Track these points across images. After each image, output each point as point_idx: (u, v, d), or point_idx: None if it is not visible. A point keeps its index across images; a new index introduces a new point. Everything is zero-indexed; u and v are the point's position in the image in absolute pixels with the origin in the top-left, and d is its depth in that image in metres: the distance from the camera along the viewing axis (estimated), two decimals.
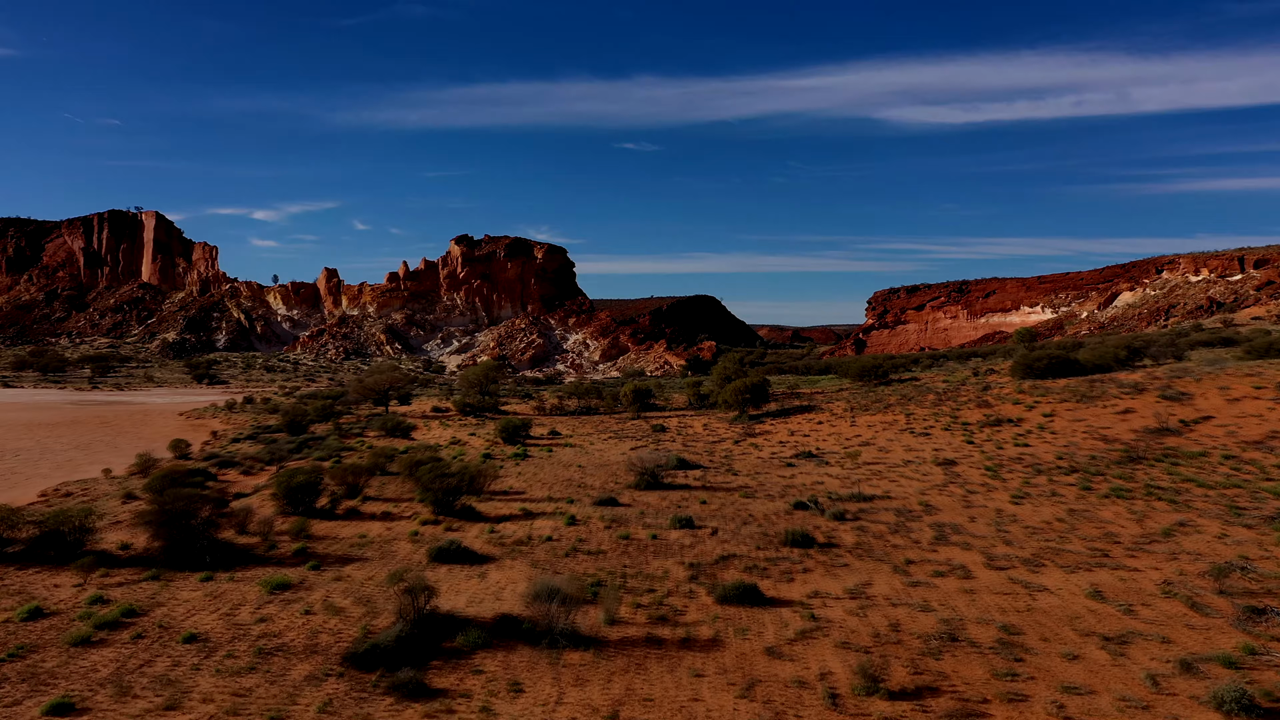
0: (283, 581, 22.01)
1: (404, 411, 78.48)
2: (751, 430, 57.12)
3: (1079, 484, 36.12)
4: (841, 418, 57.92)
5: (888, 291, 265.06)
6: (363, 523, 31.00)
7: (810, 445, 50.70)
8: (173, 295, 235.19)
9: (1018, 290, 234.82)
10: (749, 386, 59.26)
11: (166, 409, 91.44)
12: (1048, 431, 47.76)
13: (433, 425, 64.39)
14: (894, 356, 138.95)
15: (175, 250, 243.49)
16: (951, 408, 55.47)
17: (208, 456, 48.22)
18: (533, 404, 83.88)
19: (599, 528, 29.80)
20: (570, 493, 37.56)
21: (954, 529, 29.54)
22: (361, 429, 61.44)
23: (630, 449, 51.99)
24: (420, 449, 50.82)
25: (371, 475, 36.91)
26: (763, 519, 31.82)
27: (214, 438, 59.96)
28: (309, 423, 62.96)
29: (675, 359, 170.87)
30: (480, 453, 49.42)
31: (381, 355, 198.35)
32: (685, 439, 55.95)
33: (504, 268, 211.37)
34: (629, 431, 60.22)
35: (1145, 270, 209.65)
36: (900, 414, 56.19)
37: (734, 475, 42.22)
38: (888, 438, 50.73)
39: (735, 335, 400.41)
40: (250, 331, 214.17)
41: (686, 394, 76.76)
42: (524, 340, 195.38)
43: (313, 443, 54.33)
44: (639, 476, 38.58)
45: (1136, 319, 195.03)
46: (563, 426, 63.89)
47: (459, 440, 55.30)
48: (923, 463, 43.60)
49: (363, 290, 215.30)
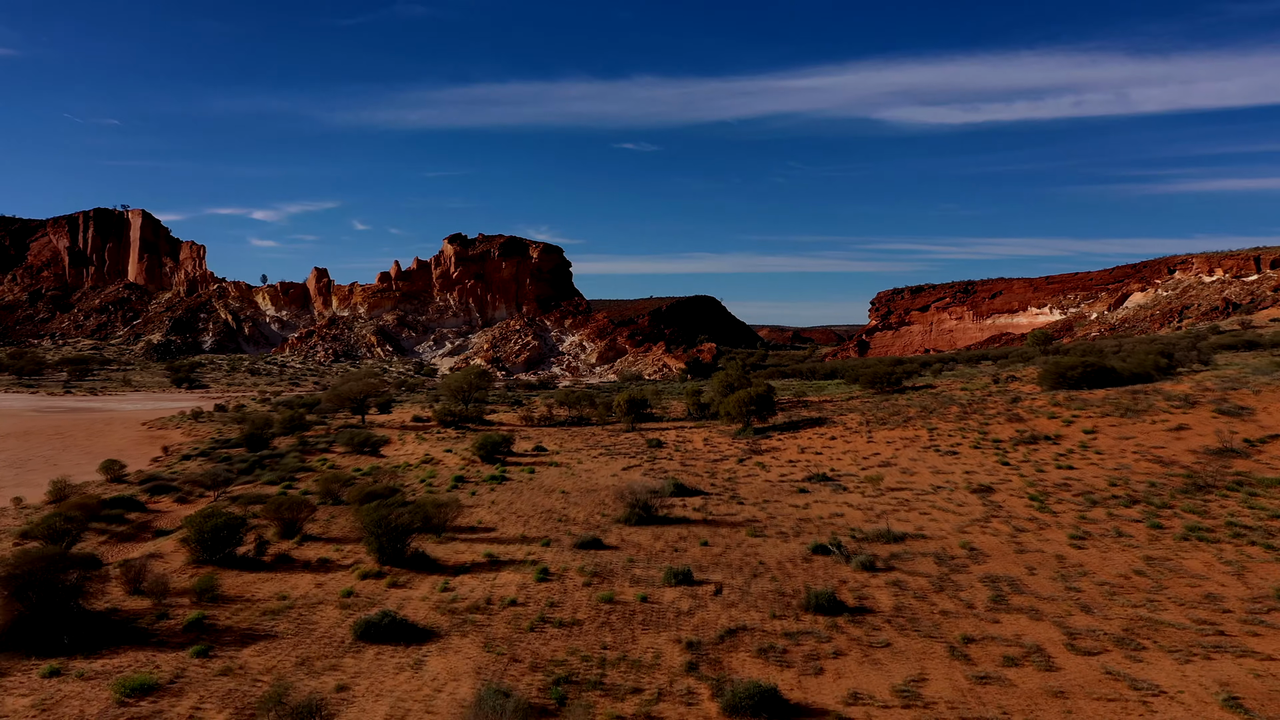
0: (145, 682, 16.54)
1: (383, 421, 73.06)
2: (757, 446, 51.67)
3: (1145, 520, 30.69)
4: (857, 432, 52.46)
5: (891, 292, 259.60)
6: (291, 575, 25.54)
7: (824, 465, 45.25)
8: (159, 296, 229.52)
9: (1025, 291, 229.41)
10: (754, 397, 53.85)
11: (132, 417, 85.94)
12: (1092, 451, 42.33)
13: (408, 439, 58.92)
14: (904, 360, 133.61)
15: (162, 250, 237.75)
16: (979, 422, 50.03)
17: (145, 479, 42.76)
18: (522, 412, 78.45)
19: (577, 583, 24.34)
20: (548, 529, 32.12)
21: (1012, 585, 24.13)
22: (329, 443, 55.98)
23: (622, 469, 46.56)
24: (385, 471, 45.35)
25: (314, 512, 31.42)
26: (776, 567, 26.39)
27: (165, 454, 54.49)
28: (272, 436, 57.49)
29: (674, 361, 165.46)
30: (453, 475, 43.94)
31: (372, 358, 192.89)
32: (684, 456, 50.52)
33: (498, 267, 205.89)
34: (622, 446, 54.79)
35: (1157, 270, 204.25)
36: (922, 428, 50.74)
37: (739, 504, 36.79)
38: (910, 457, 45.29)
39: (735, 336, 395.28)
40: (238, 333, 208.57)
41: (685, 402, 71.33)
42: (518, 342, 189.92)
43: (270, 461, 48.87)
44: (629, 509, 33.15)
45: (1149, 320, 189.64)
46: (550, 440, 58.46)
47: (432, 458, 49.80)
48: (955, 489, 38.18)
49: (353, 291, 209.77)
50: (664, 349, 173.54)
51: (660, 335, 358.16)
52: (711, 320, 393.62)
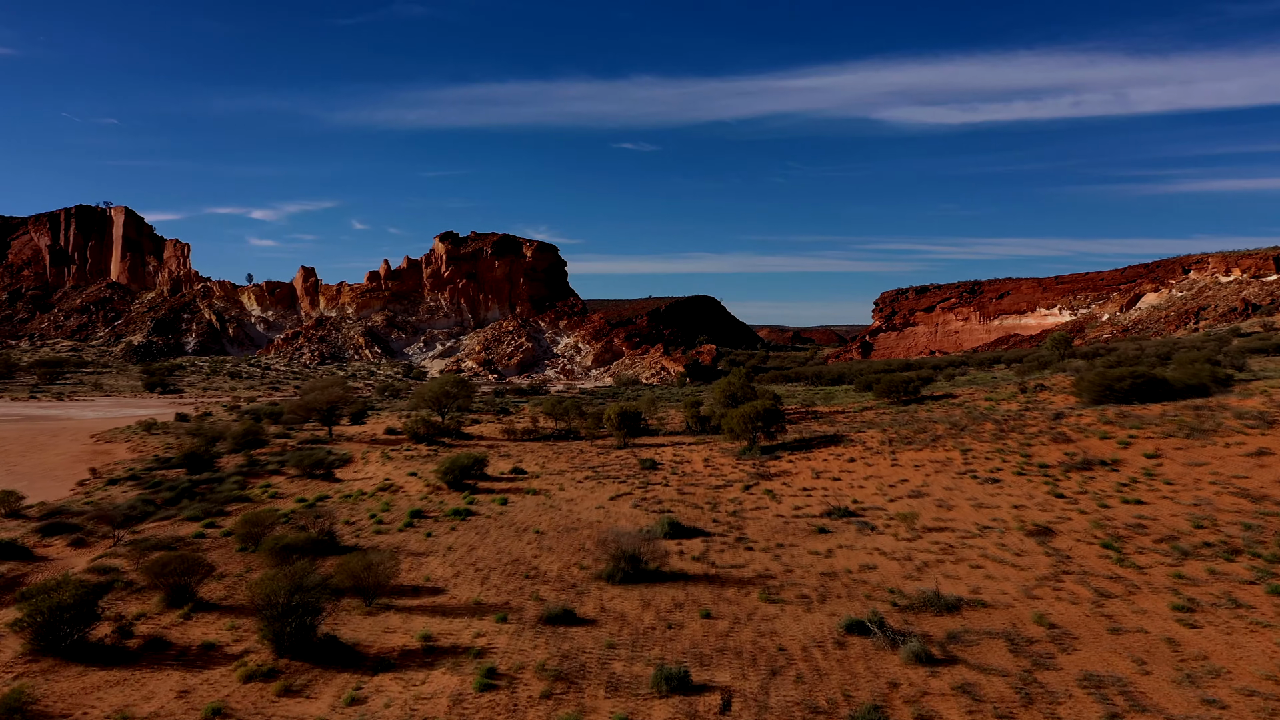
0: None
1: (353, 434, 66.74)
2: (765, 469, 45.28)
3: (1260, 580, 24.36)
4: (879, 453, 46.10)
5: (895, 292, 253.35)
6: (154, 673, 19.17)
7: (844, 495, 38.88)
8: (142, 295, 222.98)
9: (1033, 291, 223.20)
10: (760, 412, 47.52)
11: (86, 427, 79.49)
12: (1160, 481, 36.00)
13: (372, 457, 52.55)
14: (913, 364, 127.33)
15: (146, 248, 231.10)
16: (1020, 442, 43.68)
17: (49, 514, 36.34)
18: (505, 423, 72.08)
19: (532, 694, 17.96)
20: (511, 590, 25.78)
21: (1123, 690, 17.81)
22: (281, 463, 49.54)
23: (610, 498, 40.17)
24: (330, 505, 38.86)
25: (209, 574, 25.01)
26: (801, 657, 20.07)
27: (92, 476, 48.04)
28: (216, 456, 51.12)
29: (673, 364, 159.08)
30: (410, 508, 37.55)
31: (359, 360, 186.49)
32: (681, 480, 44.14)
33: (491, 266, 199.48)
34: (612, 467, 48.44)
35: (1170, 270, 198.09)
36: (954, 449, 44.38)
37: (748, 550, 30.44)
38: (944, 485, 38.95)
39: (735, 337, 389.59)
40: (222, 334, 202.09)
41: (684, 414, 64.93)
42: (511, 344, 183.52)
43: (205, 487, 42.49)
44: (613, 562, 26.80)
45: (1163, 322, 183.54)
46: (532, 458, 52.11)
47: (392, 485, 43.36)
48: (1006, 529, 31.84)
49: (341, 290, 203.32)
50: (662, 351, 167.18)
51: (659, 336, 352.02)
52: (711, 320, 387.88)
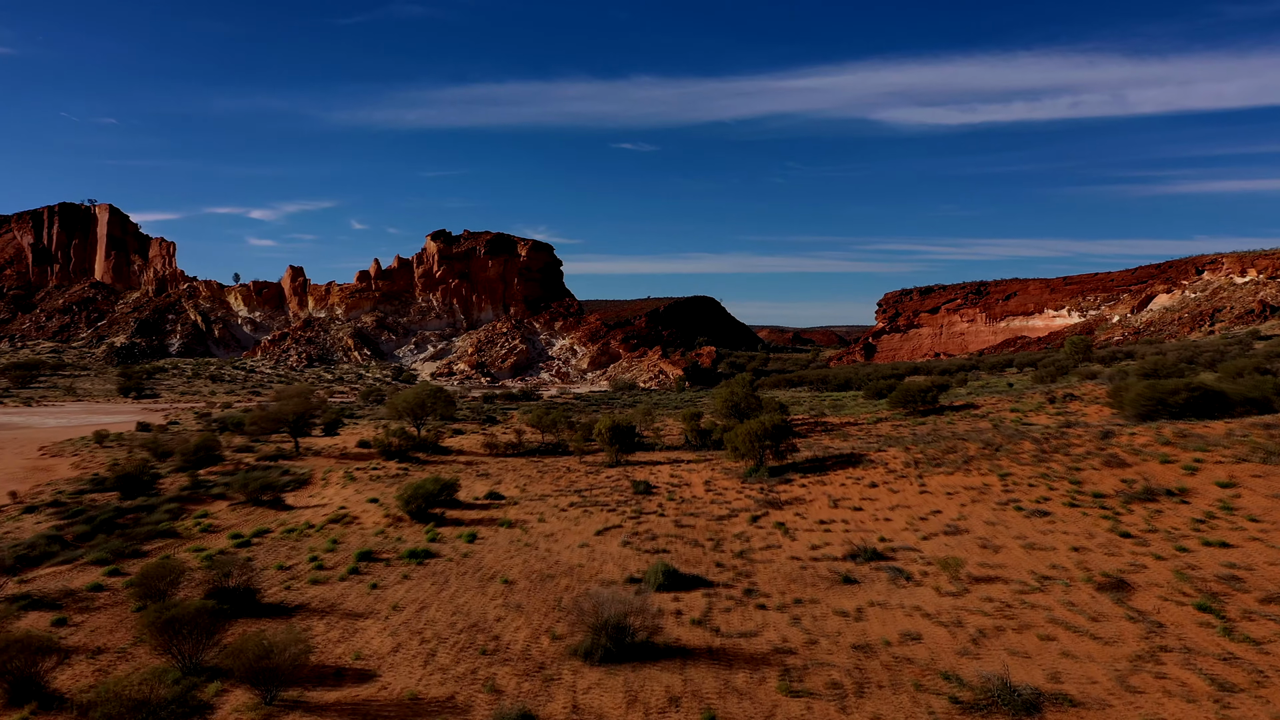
0: None
1: (322, 446, 61.30)
2: (775, 495, 39.78)
3: None
4: (904, 476, 40.62)
5: (899, 293, 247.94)
6: None
7: (869, 530, 33.38)
8: (127, 295, 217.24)
9: (1041, 292, 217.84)
10: (768, 430, 42.05)
11: (38, 437, 73.92)
12: (1243, 517, 30.50)
13: (334, 477, 47.03)
14: (926, 369, 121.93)
15: (130, 247, 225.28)
16: (1066, 465, 38.21)
17: None
18: (489, 433, 66.61)
19: None
20: (461, 675, 20.27)
21: None
22: (229, 485, 43.97)
23: (596, 532, 34.67)
24: (272, 539, 33.25)
25: (61, 661, 19.48)
26: None
27: (12, 500, 42.43)
28: (157, 477, 45.58)
29: (671, 368, 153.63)
30: (362, 546, 32.00)
31: (348, 362, 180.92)
32: (680, 508, 38.65)
33: (484, 266, 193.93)
34: (601, 490, 42.96)
35: (1183, 271, 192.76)
36: (990, 473, 38.91)
37: (760, 608, 24.97)
38: (985, 519, 33.47)
39: (735, 338, 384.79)
40: (207, 335, 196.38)
41: (683, 426, 59.40)
42: (505, 346, 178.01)
43: (134, 516, 36.96)
44: (592, 635, 21.30)
45: (1177, 324, 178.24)
46: (513, 479, 46.64)
47: (347, 515, 37.78)
48: (1071, 582, 26.35)
49: (330, 290, 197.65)
50: (660, 354, 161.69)
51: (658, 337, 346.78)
52: (710, 321, 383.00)
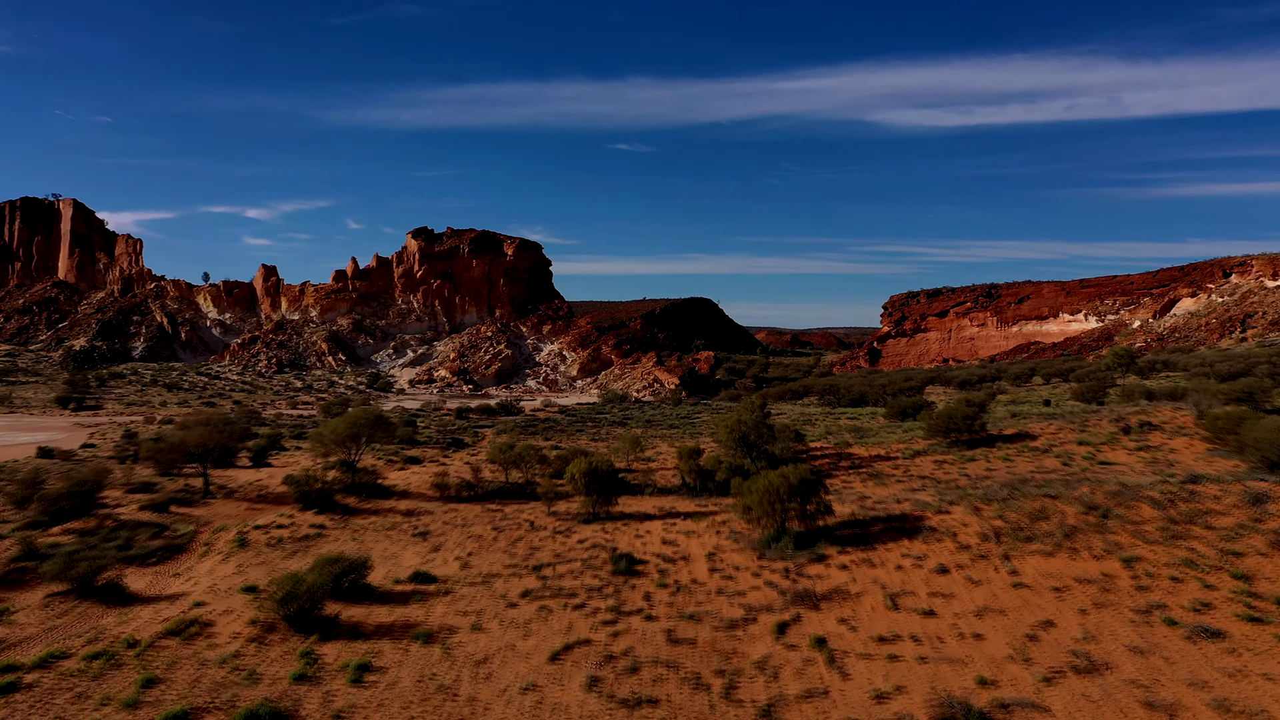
0: None
1: (244, 482, 50.33)
2: (806, 585, 28.69)
3: None
4: (982, 555, 29.55)
5: (905, 295, 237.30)
6: None
7: (957, 656, 22.20)
8: (91, 295, 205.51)
9: (1055, 295, 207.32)
10: (793, 486, 31.10)
11: None
12: None
13: (221, 541, 35.89)
14: (945, 379, 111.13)
15: (96, 244, 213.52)
16: (1214, 544, 27.16)
17: None
18: (451, 462, 55.59)
19: None
20: None
21: None
22: (73, 555, 32.71)
23: (551, 657, 23.53)
24: (50, 680, 21.95)
25: None
26: None
27: None
28: None
29: (667, 375, 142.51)
30: (166, 715, 20.84)
31: (321, 367, 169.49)
32: (674, 606, 27.57)
33: (469, 266, 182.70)
34: (568, 565, 31.93)
35: (1209, 274, 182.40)
36: (1106, 554, 27.86)
37: None
38: (1128, 642, 22.42)
39: (733, 340, 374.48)
40: (173, 338, 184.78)
41: (679, 462, 48.17)
42: (489, 351, 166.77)
43: None
44: None
45: (1204, 330, 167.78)
46: (455, 543, 35.60)
47: (198, 621, 26.47)
48: None
49: (305, 291, 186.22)
50: (655, 360, 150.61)
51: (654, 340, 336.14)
52: (708, 324, 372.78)
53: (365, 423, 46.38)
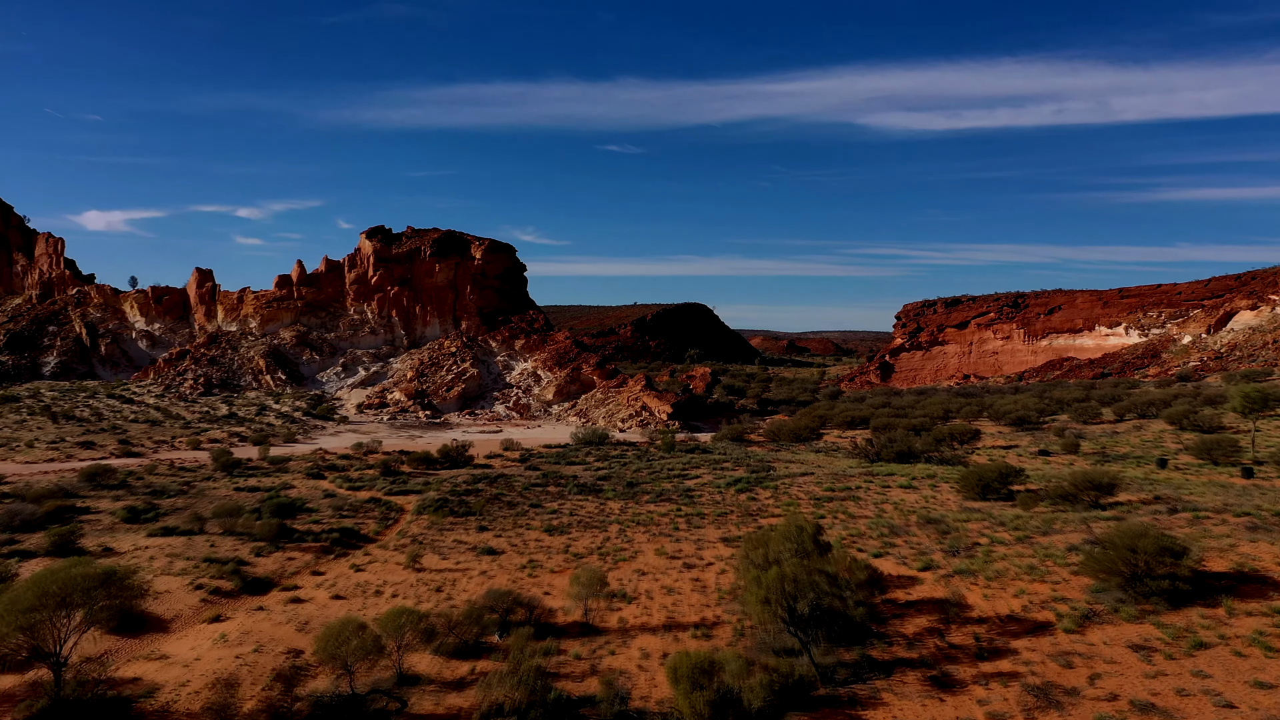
0: None
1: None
2: None
3: None
4: None
5: (920, 305, 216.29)
6: None
7: None
8: (7, 302, 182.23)
9: (1091, 306, 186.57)
10: None
11: None
12: None
13: None
14: (1002, 419, 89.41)
15: (14, 243, 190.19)
16: None
17: None
18: (321, 580, 33.67)
19: None
20: None
21: None
22: None
23: None
24: None
25: None
26: None
27: None
28: None
29: (658, 403, 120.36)
30: None
31: (258, 388, 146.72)
32: None
33: (431, 271, 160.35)
34: None
35: (1270, 283, 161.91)
36: None
37: None
38: None
39: (728, 348, 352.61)
40: (92, 352, 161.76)
41: (682, 705, 25.96)
42: (452, 370, 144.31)
43: None
44: None
45: (1270, 347, 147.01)
46: None
47: None
48: None
49: (244, 299, 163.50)
50: (643, 384, 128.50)
51: (645, 349, 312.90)
52: (702, 330, 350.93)
53: (79, 587, 24.20)
